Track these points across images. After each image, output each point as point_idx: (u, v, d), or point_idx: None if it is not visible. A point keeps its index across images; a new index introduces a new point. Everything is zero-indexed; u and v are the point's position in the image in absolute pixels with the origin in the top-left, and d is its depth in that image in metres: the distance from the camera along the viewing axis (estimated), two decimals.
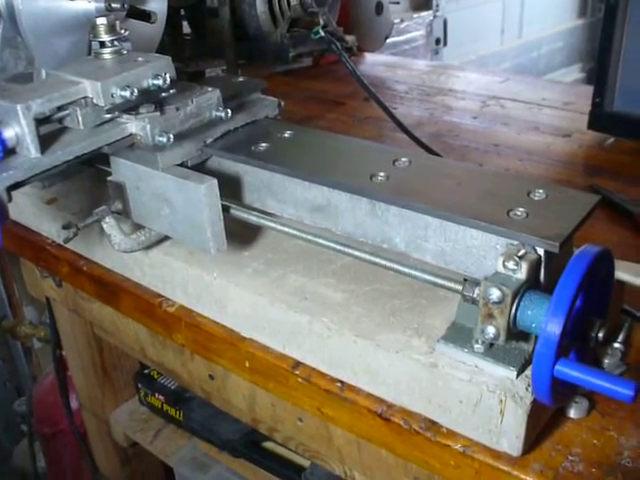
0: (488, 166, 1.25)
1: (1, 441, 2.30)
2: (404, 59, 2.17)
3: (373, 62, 1.94)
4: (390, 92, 1.66)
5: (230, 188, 0.84)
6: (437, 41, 3.16)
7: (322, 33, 1.37)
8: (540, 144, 1.34)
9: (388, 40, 2.11)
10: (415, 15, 3.04)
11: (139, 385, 1.46)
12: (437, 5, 3.14)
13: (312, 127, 1.40)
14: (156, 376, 1.45)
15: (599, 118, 1.32)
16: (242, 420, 1.09)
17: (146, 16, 1.01)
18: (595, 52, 1.32)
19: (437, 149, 1.24)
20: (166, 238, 0.88)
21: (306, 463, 1.24)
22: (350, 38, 1.63)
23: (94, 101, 0.76)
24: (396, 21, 2.82)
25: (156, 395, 1.44)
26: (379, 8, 1.92)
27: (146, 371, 1.46)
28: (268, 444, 1.31)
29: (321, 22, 1.42)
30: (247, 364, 0.83)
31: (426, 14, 3.10)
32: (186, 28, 1.76)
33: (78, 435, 1.59)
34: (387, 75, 1.80)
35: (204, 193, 0.74)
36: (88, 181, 1.06)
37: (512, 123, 1.45)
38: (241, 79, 0.95)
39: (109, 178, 0.84)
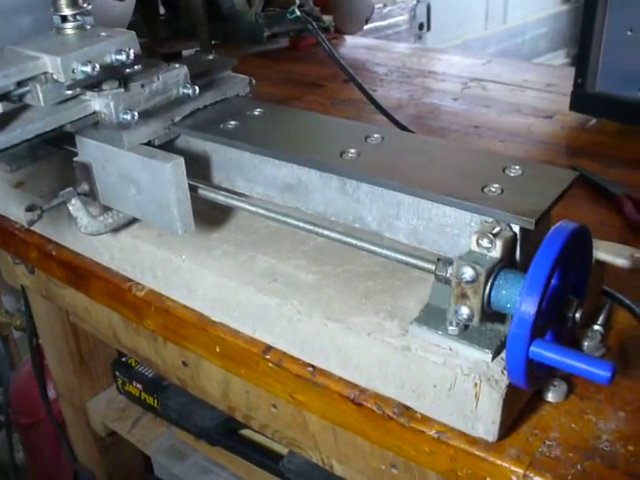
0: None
1: None
2: (385, 42, 2.15)
3: (353, 45, 1.92)
4: (370, 74, 1.64)
5: (198, 168, 0.82)
6: (420, 26, 3.13)
7: (298, 13, 1.34)
8: (521, 125, 1.32)
9: (371, 25, 2.09)
10: (398, 0, 3.01)
11: (116, 373, 1.45)
12: None
13: None
14: (134, 364, 1.43)
15: (581, 99, 1.30)
16: (218, 408, 1.07)
17: None
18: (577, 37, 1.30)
19: (417, 131, 1.22)
20: (135, 220, 0.85)
21: (284, 450, 1.22)
22: (327, 18, 1.60)
23: (54, 77, 0.73)
24: (379, 6, 2.80)
25: (134, 383, 1.42)
26: None
27: (123, 359, 1.45)
28: (246, 432, 1.29)
29: (297, 1, 1.39)
30: (218, 349, 0.81)
31: None
32: (162, 9, 1.73)
33: (56, 425, 1.58)
34: (367, 58, 1.78)
35: (170, 172, 0.72)
36: (57, 163, 1.03)
37: (493, 105, 1.43)
38: (211, 57, 0.92)
39: (75, 159, 0.82)
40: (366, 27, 2.10)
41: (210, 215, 0.85)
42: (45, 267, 1.05)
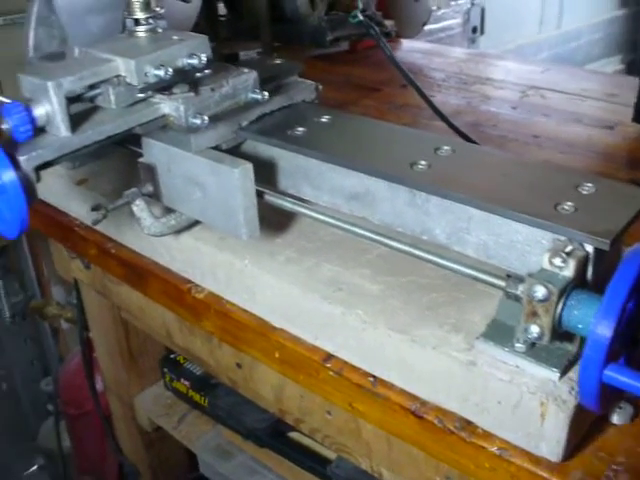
0: (528, 158, 1.22)
1: (27, 419, 2.30)
2: (441, 46, 2.13)
3: (410, 48, 1.91)
4: (427, 80, 1.63)
5: (264, 173, 0.82)
6: (474, 29, 3.11)
7: (360, 17, 1.34)
8: (582, 136, 1.30)
9: (424, 28, 2.07)
10: (452, 3, 2.99)
11: (165, 370, 1.46)
12: None
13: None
14: (182, 361, 1.44)
15: None
16: (268, 410, 1.07)
17: None
18: (637, 43, 1.28)
19: (475, 139, 1.21)
20: (196, 222, 0.85)
21: (332, 455, 1.22)
22: (389, 23, 1.59)
23: (127, 80, 0.74)
24: (433, 8, 2.78)
25: (181, 380, 1.43)
26: None
27: (172, 356, 1.45)
28: (294, 434, 1.29)
29: (360, 6, 1.38)
30: (277, 355, 0.81)
31: (464, 2, 3.05)
32: (222, 9, 1.73)
33: (103, 417, 1.59)
34: (424, 62, 1.77)
35: (238, 177, 0.71)
36: (119, 162, 1.04)
37: (552, 114, 1.41)
38: (278, 61, 0.92)
39: (140, 160, 0.82)
40: None
41: (273, 220, 0.85)
42: (103, 264, 1.06)
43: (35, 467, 2.30)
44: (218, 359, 1.05)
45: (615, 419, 0.66)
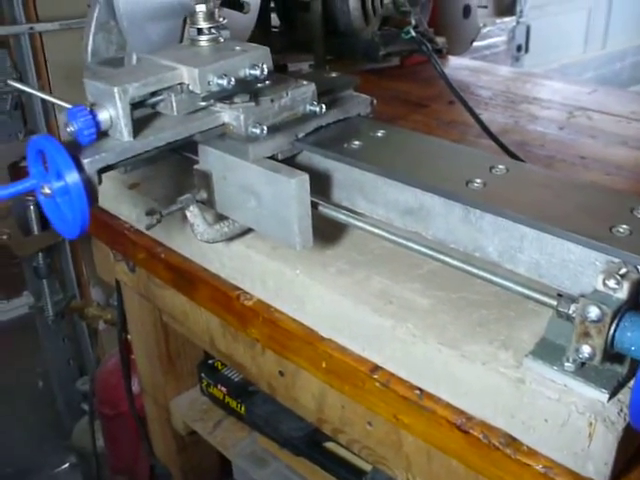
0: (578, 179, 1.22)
1: (62, 418, 2.33)
2: (488, 64, 2.14)
3: (456, 66, 1.91)
4: (474, 97, 1.63)
5: (318, 185, 0.83)
6: (518, 48, 3.11)
7: (413, 33, 1.35)
8: (629, 159, 1.30)
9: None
10: (498, 20, 3.00)
11: (202, 375, 1.47)
12: (521, 11, 3.09)
13: None
14: (220, 367, 1.45)
15: None
16: (307, 419, 1.07)
17: (239, 6, 1.00)
18: None
19: (522, 158, 1.21)
20: (248, 231, 0.87)
21: (367, 467, 1.22)
22: (440, 40, 1.60)
23: (190, 88, 0.75)
24: (480, 26, 2.79)
25: (218, 386, 1.44)
26: (467, 11, 1.89)
27: (210, 361, 1.46)
28: (329, 445, 1.30)
29: (412, 22, 1.39)
30: (324, 364, 0.82)
31: (509, 20, 3.06)
32: (274, 21, 1.75)
33: (137, 419, 1.61)
34: (471, 80, 1.77)
35: (294, 188, 0.73)
36: (171, 167, 1.06)
37: (599, 136, 1.41)
38: (334, 75, 0.93)
39: (195, 166, 0.84)
40: None
41: (324, 231, 0.86)
42: (151, 268, 1.07)
43: (67, 465, 2.33)
44: (260, 366, 1.06)
45: None
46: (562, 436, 0.64)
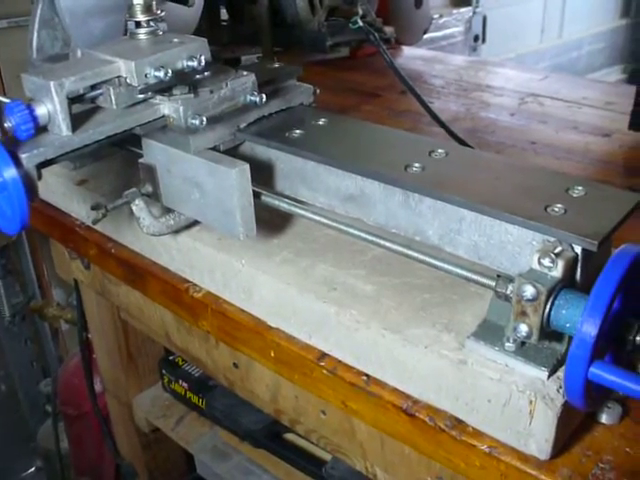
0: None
1: (26, 421, 2.31)
2: (442, 53, 2.14)
3: (411, 55, 1.92)
4: (427, 86, 1.64)
5: (262, 174, 0.83)
6: (475, 38, 3.12)
7: (360, 23, 1.35)
8: (579, 143, 1.32)
9: (426, 35, 2.09)
10: (454, 11, 3.01)
11: (163, 371, 1.47)
12: (477, 1, 3.10)
13: None
14: (180, 363, 1.45)
15: None
16: (264, 411, 1.08)
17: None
18: (638, 53, 1.29)
19: (473, 145, 1.22)
20: (195, 223, 0.87)
21: (328, 457, 1.23)
22: (389, 29, 1.60)
23: (128, 81, 0.75)
24: (435, 16, 2.79)
25: (180, 382, 1.44)
26: (418, 1, 1.89)
27: (171, 357, 1.46)
28: (290, 436, 1.30)
29: (360, 12, 1.40)
30: (272, 354, 0.82)
31: (465, 10, 3.07)
32: (224, 14, 1.75)
33: (101, 418, 1.60)
34: (424, 69, 1.78)
35: (235, 178, 0.73)
36: (119, 163, 1.05)
37: (550, 121, 1.42)
38: (277, 65, 0.93)
39: (140, 160, 0.84)
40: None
41: (270, 221, 0.87)
42: (103, 264, 1.07)
43: (33, 469, 2.31)
44: (215, 359, 1.06)
45: (604, 418, 0.67)
46: (505, 415, 0.64)
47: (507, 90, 1.61)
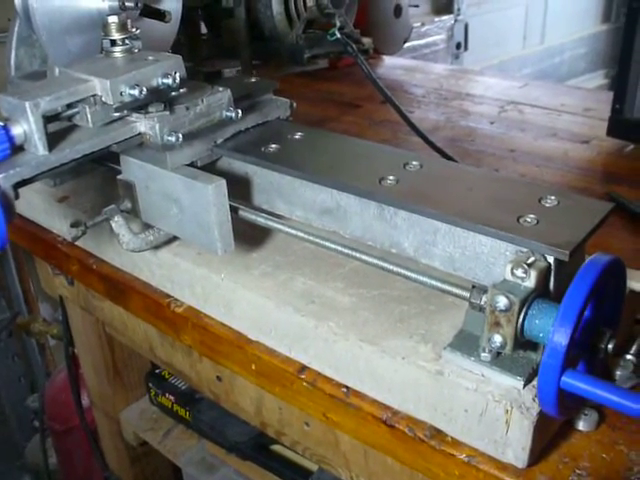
0: (504, 172, 1.24)
1: (14, 437, 2.31)
2: (422, 63, 2.16)
3: (391, 65, 1.93)
4: (407, 96, 1.65)
5: (240, 189, 0.84)
6: (458, 45, 3.14)
7: (338, 35, 1.36)
8: (558, 150, 1.33)
9: (408, 44, 2.10)
10: (436, 19, 3.03)
11: (150, 385, 1.47)
12: (458, 9, 3.12)
13: (327, 129, 1.39)
14: (167, 376, 1.45)
15: (619, 125, 1.30)
16: (250, 423, 1.08)
17: (160, 15, 1.00)
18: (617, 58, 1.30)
19: (453, 154, 1.23)
20: (175, 238, 0.87)
21: (314, 467, 1.23)
22: (367, 40, 1.61)
23: (103, 99, 0.75)
24: (416, 25, 2.81)
25: (166, 395, 1.44)
26: (398, 11, 1.90)
27: (157, 371, 1.47)
28: (276, 447, 1.30)
29: (337, 24, 1.41)
30: (253, 367, 0.83)
31: (447, 18, 3.09)
32: (204, 28, 1.75)
33: (89, 433, 1.60)
34: (405, 78, 1.79)
35: (212, 193, 0.73)
36: (100, 179, 1.06)
37: (530, 129, 1.43)
38: (253, 80, 0.94)
39: (119, 177, 0.84)
40: (403, 46, 2.12)
41: (249, 235, 0.87)
42: (85, 280, 1.07)
43: None
44: (199, 372, 1.06)
45: (581, 425, 0.68)
46: (482, 425, 0.65)
47: (487, 98, 1.62)
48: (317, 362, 0.77)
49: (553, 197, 0.69)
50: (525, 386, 0.64)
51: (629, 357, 0.75)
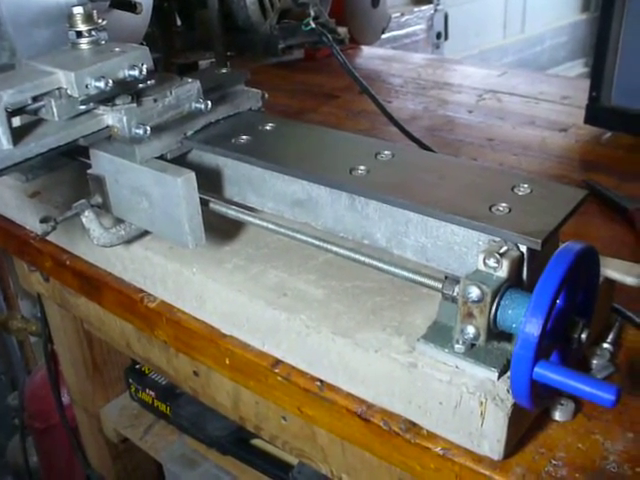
0: (482, 161, 1.23)
1: None
2: (400, 52, 2.15)
3: (369, 55, 1.92)
4: (385, 85, 1.64)
5: (210, 181, 0.83)
6: (438, 35, 3.13)
7: (313, 25, 1.35)
8: (536, 138, 1.32)
9: (388, 34, 2.10)
10: (416, 9, 3.01)
11: (130, 380, 1.46)
12: None
13: (305, 121, 1.38)
14: (147, 371, 1.44)
15: (596, 112, 1.30)
16: (229, 417, 1.07)
17: (131, 7, 0.99)
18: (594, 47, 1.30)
19: (431, 143, 1.22)
20: (147, 232, 0.86)
21: (294, 461, 1.22)
22: (342, 30, 1.60)
23: (69, 92, 0.74)
24: (396, 15, 2.80)
25: (147, 391, 1.43)
26: (375, 1, 1.89)
27: (137, 366, 1.46)
28: (257, 441, 1.30)
29: (312, 13, 1.39)
30: (227, 361, 0.81)
31: (427, 8, 3.07)
32: (180, 20, 1.74)
33: (69, 430, 1.59)
34: (383, 68, 1.78)
35: (181, 186, 0.72)
36: (72, 174, 1.04)
37: (508, 117, 1.43)
38: (224, 71, 0.92)
39: (89, 171, 0.83)
40: (383, 36, 2.11)
41: (222, 228, 0.86)
42: (59, 276, 1.05)
43: None
44: (176, 368, 1.05)
45: (557, 416, 0.67)
46: (457, 417, 0.64)
47: (465, 87, 1.61)
48: (290, 356, 0.76)
49: (526, 185, 0.68)
50: (500, 377, 0.63)
51: (606, 346, 0.74)
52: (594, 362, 0.72)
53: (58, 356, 1.50)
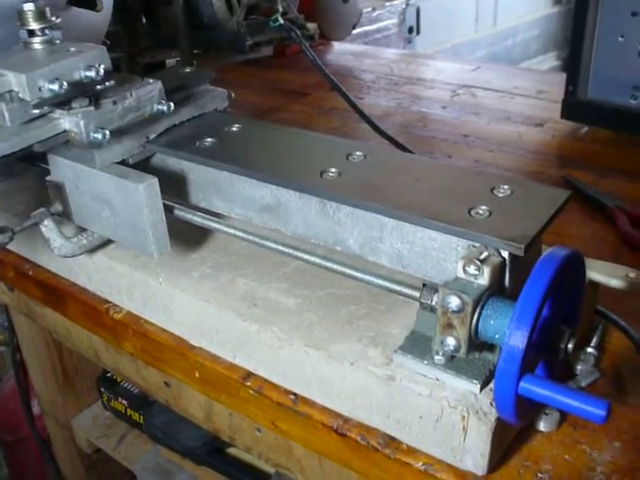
0: (457, 158, 1.20)
1: None
2: (372, 48, 2.13)
3: (340, 51, 1.89)
4: (357, 82, 1.61)
5: (175, 187, 0.79)
6: (410, 30, 3.10)
7: (281, 21, 1.32)
8: (511, 134, 1.30)
9: (360, 29, 2.07)
10: (387, 3, 2.98)
11: (102, 389, 1.43)
12: None
13: (275, 119, 1.35)
14: (119, 380, 1.40)
15: (572, 107, 1.27)
16: (203, 427, 1.04)
17: (91, 4, 0.95)
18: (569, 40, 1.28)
19: (404, 141, 1.19)
20: (111, 241, 0.82)
21: (271, 470, 1.19)
22: (312, 26, 1.56)
23: (20, 95, 0.70)
24: (367, 9, 2.77)
25: (119, 399, 1.40)
26: None
27: (109, 374, 1.42)
28: (233, 450, 1.27)
29: (280, 9, 1.36)
30: (197, 374, 0.78)
31: (398, 2, 3.04)
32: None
33: (41, 442, 1.55)
34: (354, 64, 1.75)
35: (143, 193, 0.68)
36: (33, 180, 1.00)
37: (483, 112, 1.40)
38: (188, 70, 0.89)
39: (47, 178, 0.79)
40: (355, 31, 2.08)
41: (189, 234, 0.82)
42: (22, 287, 1.02)
43: None
44: (146, 379, 1.02)
45: (542, 426, 0.64)
46: (438, 432, 0.61)
47: (439, 82, 1.58)
48: (263, 368, 0.72)
49: (506, 186, 0.65)
50: (482, 389, 0.60)
51: (590, 350, 0.72)
52: (578, 367, 0.70)
53: (27, 366, 1.47)
